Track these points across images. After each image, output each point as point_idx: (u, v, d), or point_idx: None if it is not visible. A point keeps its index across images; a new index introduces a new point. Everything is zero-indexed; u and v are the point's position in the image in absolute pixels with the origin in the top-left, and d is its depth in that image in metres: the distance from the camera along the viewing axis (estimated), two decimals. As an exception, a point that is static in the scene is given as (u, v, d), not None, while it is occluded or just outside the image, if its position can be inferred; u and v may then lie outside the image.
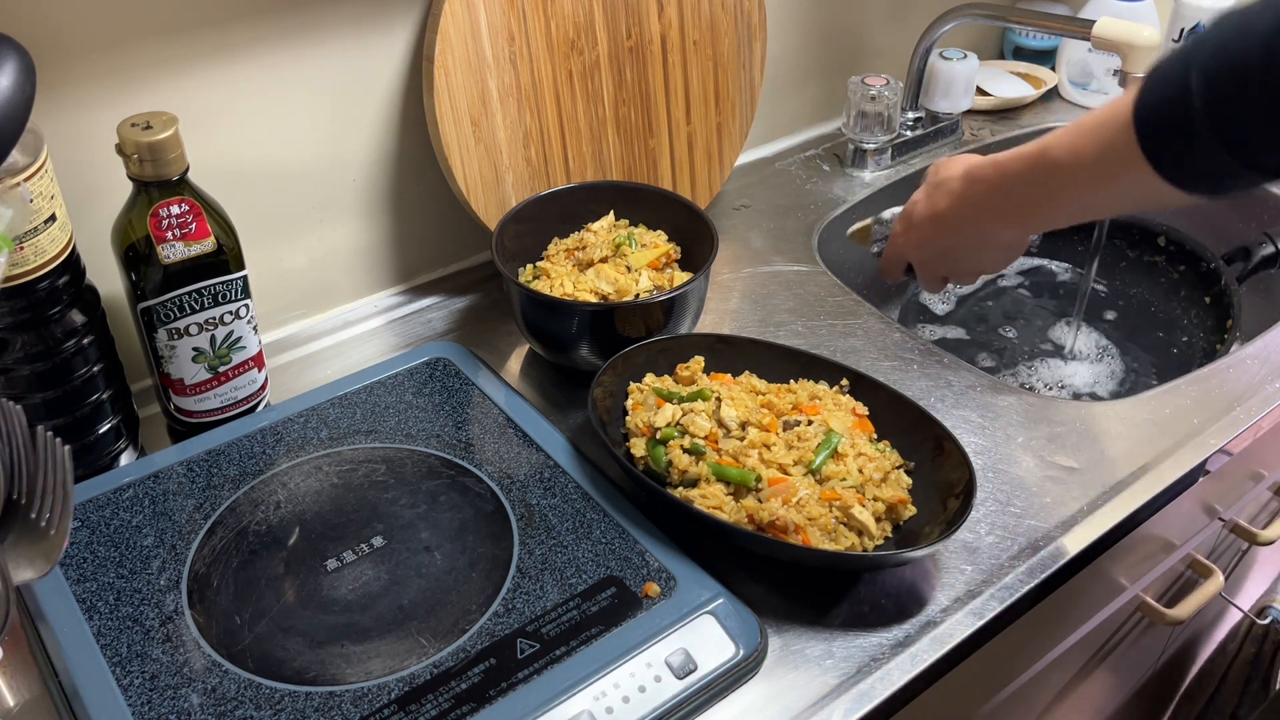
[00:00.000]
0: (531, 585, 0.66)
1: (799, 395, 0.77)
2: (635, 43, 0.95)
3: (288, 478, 0.74)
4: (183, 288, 0.73)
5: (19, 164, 0.63)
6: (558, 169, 0.95)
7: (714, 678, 0.61)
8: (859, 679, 0.63)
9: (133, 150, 0.68)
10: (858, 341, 0.91)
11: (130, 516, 0.71)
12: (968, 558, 0.71)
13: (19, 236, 0.64)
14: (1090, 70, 1.30)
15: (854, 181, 1.16)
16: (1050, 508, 0.75)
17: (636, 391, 0.77)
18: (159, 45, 0.76)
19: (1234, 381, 0.87)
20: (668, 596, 0.65)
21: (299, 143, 0.86)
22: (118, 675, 0.60)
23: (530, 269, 0.88)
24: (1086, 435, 0.81)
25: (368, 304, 0.96)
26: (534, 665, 0.61)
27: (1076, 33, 1.04)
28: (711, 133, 1.05)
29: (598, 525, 0.70)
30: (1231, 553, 1.19)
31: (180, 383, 0.77)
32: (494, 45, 0.87)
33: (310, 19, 0.82)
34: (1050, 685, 0.97)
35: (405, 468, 0.75)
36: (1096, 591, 0.88)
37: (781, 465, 0.70)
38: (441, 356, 0.86)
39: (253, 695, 0.59)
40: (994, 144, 1.24)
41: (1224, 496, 0.99)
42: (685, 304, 0.82)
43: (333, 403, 0.81)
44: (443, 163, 0.89)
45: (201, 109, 0.79)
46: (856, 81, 1.14)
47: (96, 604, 0.65)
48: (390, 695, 0.59)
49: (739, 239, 1.05)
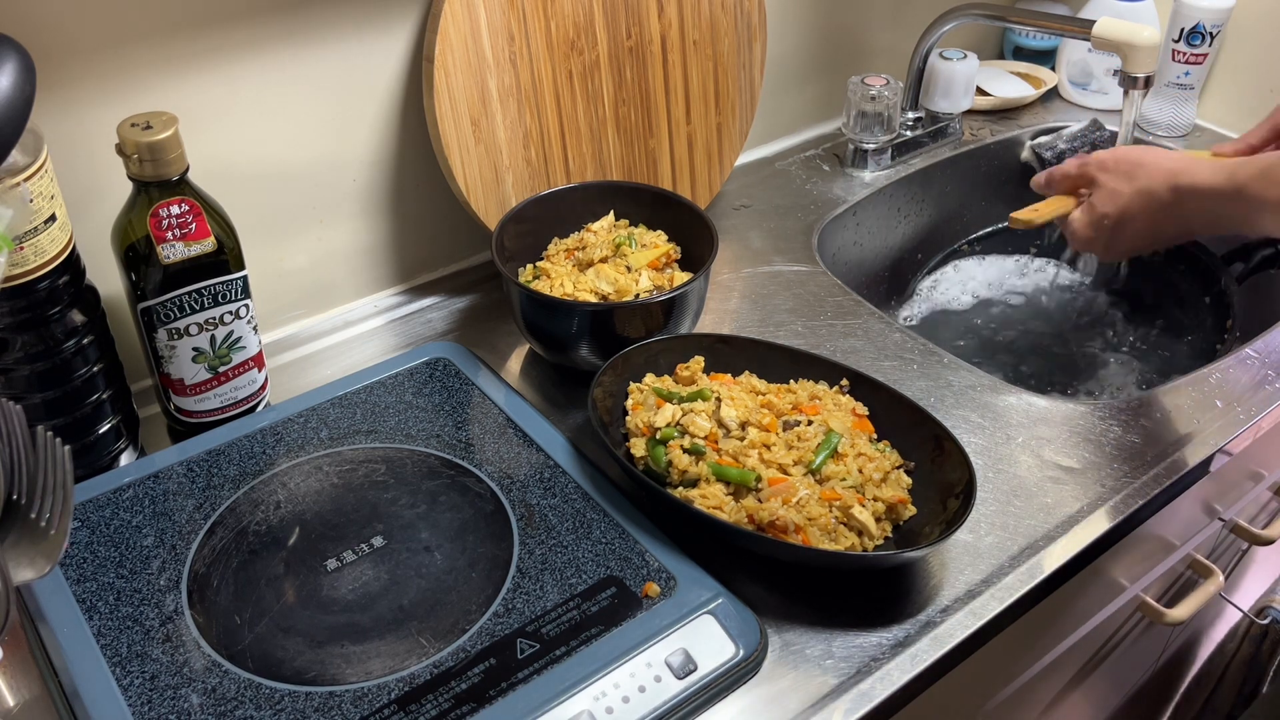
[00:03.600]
0: (531, 585, 0.66)
1: (799, 395, 0.77)
2: (635, 43, 0.95)
3: (288, 478, 0.74)
4: (183, 288, 0.73)
5: (19, 164, 0.63)
6: (558, 169, 0.95)
7: (714, 678, 0.61)
8: (859, 679, 0.63)
9: (133, 150, 0.68)
10: (858, 341, 0.91)
11: (130, 516, 0.71)
12: (968, 558, 0.71)
13: (19, 236, 0.64)
14: (1090, 70, 1.30)
15: (854, 181, 1.16)
16: (1050, 508, 0.75)
17: (636, 392, 0.77)
18: (159, 45, 0.76)
19: (1234, 381, 0.87)
20: (668, 596, 0.65)
21: (299, 143, 0.86)
22: (118, 675, 0.60)
23: (530, 269, 0.88)
24: (1086, 435, 0.81)
25: (368, 304, 0.96)
26: (534, 665, 0.61)
27: (1076, 33, 1.04)
28: (711, 133, 1.05)
29: (598, 525, 0.70)
30: (1231, 553, 1.19)
31: (180, 383, 0.77)
32: (494, 45, 0.87)
33: (310, 19, 0.82)
34: (1050, 685, 0.97)
35: (405, 468, 0.75)
36: (1096, 591, 0.88)
37: (781, 465, 0.70)
38: (441, 356, 0.86)
39: (253, 695, 0.59)
40: (994, 144, 1.24)
41: (1224, 496, 0.99)
42: (685, 304, 0.82)
43: (333, 403, 0.81)
44: (443, 163, 0.89)
45: (201, 109, 0.79)
46: (856, 81, 1.14)
47: (96, 604, 0.65)
48: (390, 695, 0.59)
49: (739, 239, 1.05)
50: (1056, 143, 1.25)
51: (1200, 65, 1.22)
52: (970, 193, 1.25)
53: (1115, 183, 0.87)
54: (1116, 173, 0.87)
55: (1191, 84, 1.23)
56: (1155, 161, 0.85)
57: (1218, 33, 1.20)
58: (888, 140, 1.16)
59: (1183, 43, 1.21)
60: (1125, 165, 0.87)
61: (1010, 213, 0.96)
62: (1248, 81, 1.25)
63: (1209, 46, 1.21)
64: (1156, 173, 0.84)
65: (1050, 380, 1.12)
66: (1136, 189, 0.85)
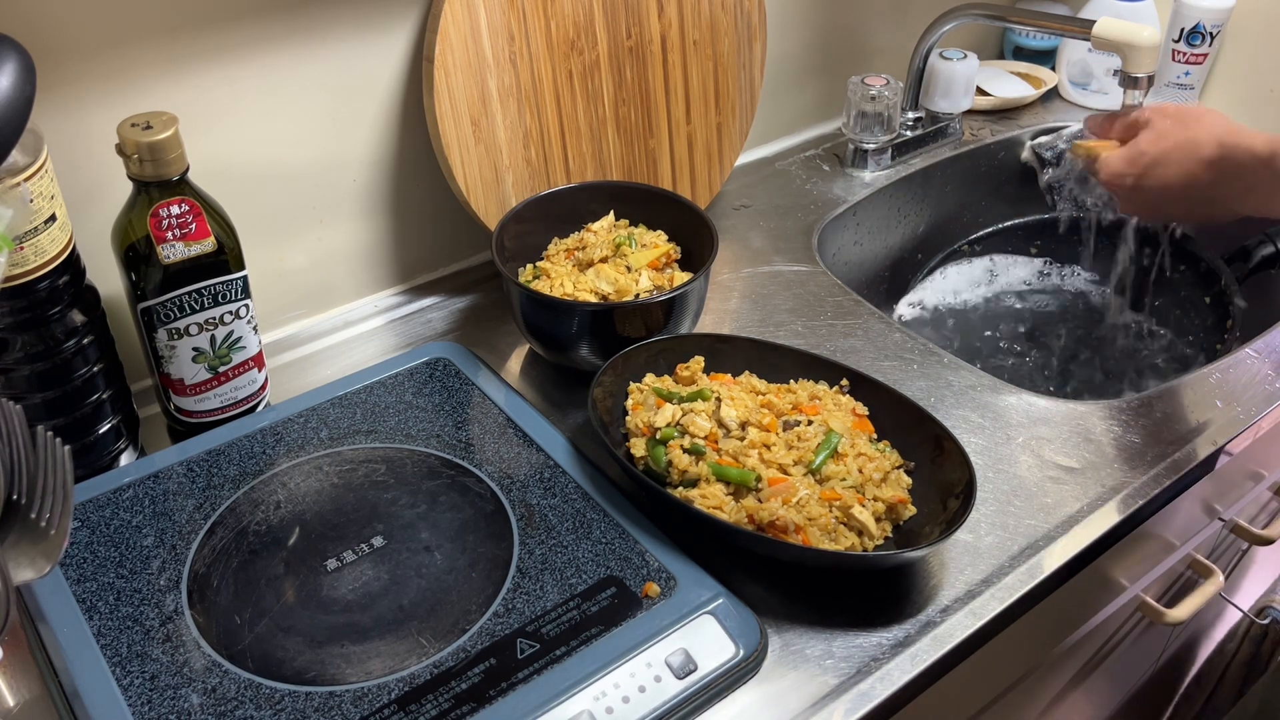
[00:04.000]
0: (531, 585, 0.66)
1: (799, 395, 0.77)
2: (635, 43, 0.95)
3: (288, 478, 0.74)
4: (183, 288, 0.73)
5: (19, 164, 0.63)
6: (558, 169, 0.95)
7: (714, 678, 0.61)
8: (859, 679, 0.63)
9: (133, 150, 0.68)
10: (858, 341, 0.91)
11: (130, 516, 0.71)
12: (968, 558, 0.71)
13: (19, 236, 0.64)
14: (1090, 70, 1.30)
15: (854, 181, 1.16)
16: (1050, 508, 0.75)
17: (636, 391, 0.77)
18: (159, 45, 0.76)
19: (1234, 381, 0.87)
20: (668, 596, 0.65)
21: (299, 143, 0.86)
22: (118, 675, 0.60)
23: (530, 269, 0.88)
24: (1086, 435, 0.81)
25: (368, 304, 0.96)
26: (534, 665, 0.61)
27: (1076, 33, 1.04)
28: (711, 133, 1.05)
29: (598, 525, 0.70)
30: (1231, 553, 1.19)
31: (180, 383, 0.77)
32: (494, 45, 0.87)
33: (310, 19, 0.82)
34: (1050, 685, 0.97)
35: (405, 468, 0.75)
36: (1096, 591, 0.88)
37: (781, 465, 0.70)
38: (441, 356, 0.86)
39: (253, 695, 0.59)
40: (994, 144, 1.24)
41: (1224, 496, 0.99)
42: (685, 304, 0.82)
43: (333, 403, 0.81)
44: (443, 163, 0.89)
45: (201, 109, 0.79)
46: (856, 81, 1.14)
47: (96, 604, 0.65)
48: (390, 695, 0.59)
49: (739, 239, 1.05)
50: (1056, 143, 1.25)
51: (1200, 65, 1.22)
52: (970, 193, 1.25)
53: (1166, 125, 0.88)
54: (1172, 117, 0.88)
55: (1191, 84, 1.23)
56: (1212, 119, 0.86)
57: (1218, 33, 1.20)
58: (888, 140, 1.16)
59: (1183, 43, 1.21)
60: (1182, 114, 0.88)
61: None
62: (1248, 81, 1.25)
63: (1209, 46, 1.21)
64: (1209, 127, 0.85)
65: (1050, 380, 1.12)
66: (1185, 136, 0.86)
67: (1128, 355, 1.14)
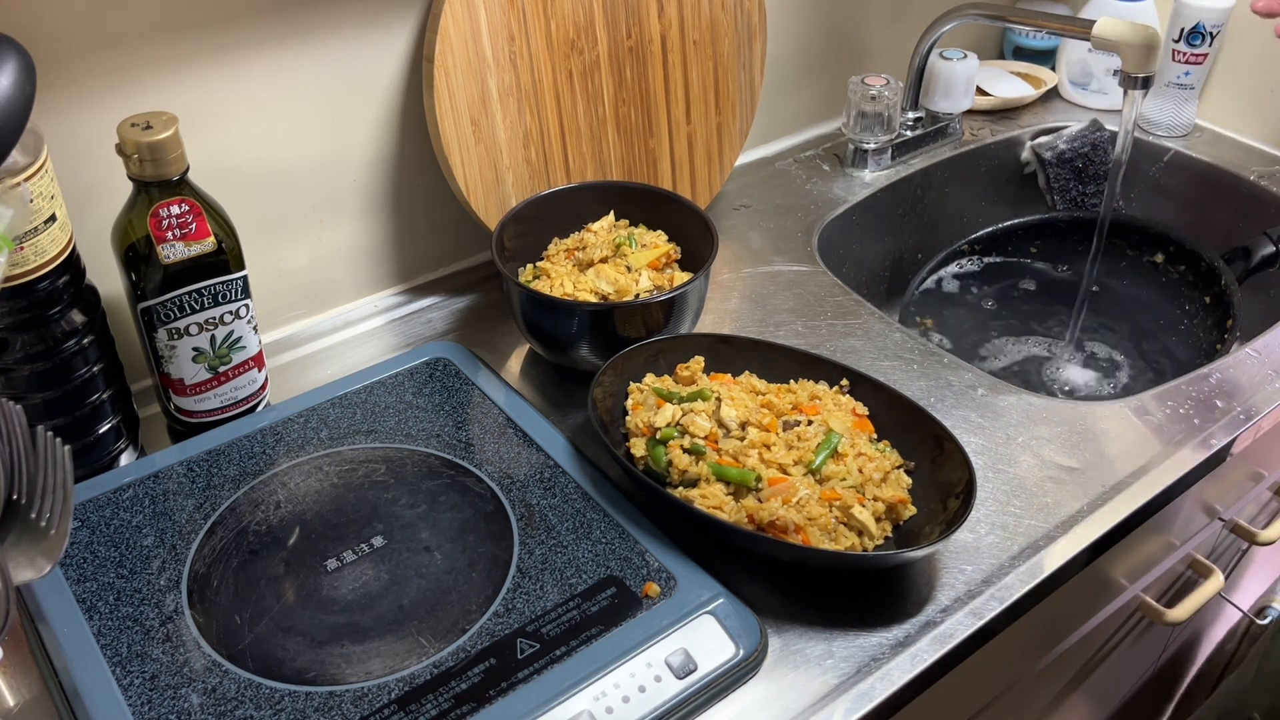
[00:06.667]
0: (531, 585, 0.66)
1: (799, 395, 0.77)
2: (635, 43, 0.95)
3: (288, 478, 0.74)
4: (183, 288, 0.73)
5: (19, 164, 0.63)
6: (558, 169, 0.95)
7: (714, 678, 0.61)
8: (859, 679, 0.63)
9: (133, 150, 0.68)
10: (858, 341, 0.91)
11: (130, 516, 0.71)
12: (968, 558, 0.71)
13: (19, 236, 0.64)
14: (1090, 70, 1.30)
15: (854, 181, 1.16)
16: (1050, 508, 0.75)
17: (636, 391, 0.77)
18: (159, 45, 0.76)
19: (1234, 381, 0.87)
20: (668, 596, 0.65)
21: (299, 143, 0.86)
22: (118, 675, 0.60)
23: (530, 269, 0.88)
24: (1086, 435, 0.81)
25: (368, 304, 0.96)
26: (534, 665, 0.61)
27: (1076, 33, 1.04)
28: (711, 133, 1.05)
29: (598, 525, 0.70)
30: (1231, 553, 1.19)
31: (180, 383, 0.77)
32: (494, 45, 0.87)
33: (310, 19, 0.82)
34: (1050, 685, 0.97)
35: (405, 468, 0.75)
36: (1096, 591, 0.88)
37: (781, 465, 0.70)
38: (441, 356, 0.86)
39: (253, 695, 0.59)
40: (994, 144, 1.24)
41: (1224, 496, 0.99)
42: (685, 304, 0.82)
43: (333, 403, 0.81)
44: (443, 163, 0.89)
45: (201, 109, 0.79)
46: (856, 81, 1.14)
47: (96, 604, 0.65)
48: (390, 695, 0.59)
49: (739, 239, 1.05)
50: (1056, 143, 1.25)
51: (1200, 65, 1.22)
52: (970, 193, 1.25)
53: None
54: None
55: (1191, 84, 1.23)
56: None
57: (1218, 33, 1.20)
58: (888, 140, 1.16)
59: (1183, 43, 1.21)
60: None
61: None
62: (1248, 81, 1.25)
63: (1209, 46, 1.21)
64: None
65: (1050, 379, 1.12)
66: None
67: (1128, 355, 1.14)
